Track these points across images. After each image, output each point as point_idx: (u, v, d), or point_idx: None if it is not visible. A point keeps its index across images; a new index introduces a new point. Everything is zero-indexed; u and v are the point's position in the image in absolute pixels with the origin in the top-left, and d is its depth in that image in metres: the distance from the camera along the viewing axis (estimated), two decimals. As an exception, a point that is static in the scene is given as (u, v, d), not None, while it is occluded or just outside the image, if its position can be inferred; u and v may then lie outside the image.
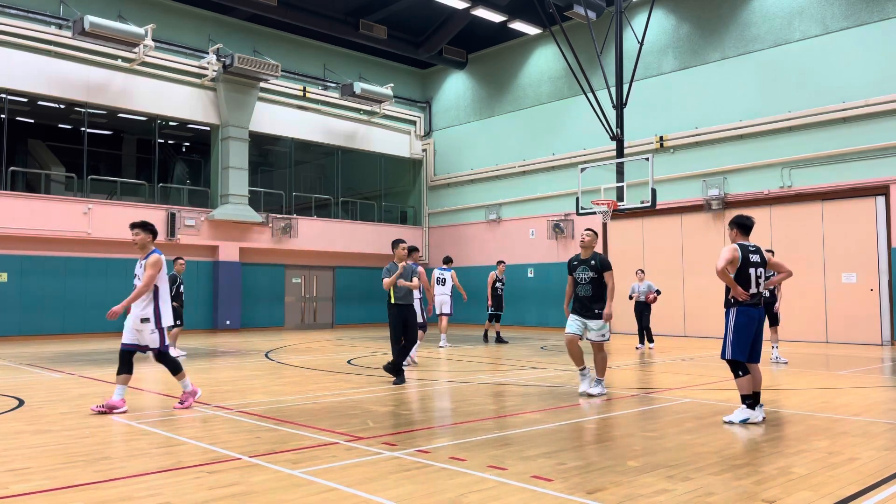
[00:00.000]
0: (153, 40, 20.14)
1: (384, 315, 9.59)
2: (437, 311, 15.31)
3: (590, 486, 4.48)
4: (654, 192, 16.26)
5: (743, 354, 6.71)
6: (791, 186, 18.04)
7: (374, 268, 25.91)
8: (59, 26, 19.39)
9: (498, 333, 17.26)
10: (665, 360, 13.21)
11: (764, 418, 6.74)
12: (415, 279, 9.89)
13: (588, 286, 8.41)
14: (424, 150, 27.74)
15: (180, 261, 14.06)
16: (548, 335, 20.32)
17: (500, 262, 17.51)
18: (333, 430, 6.30)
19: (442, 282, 15.53)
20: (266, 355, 14.01)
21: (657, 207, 17.21)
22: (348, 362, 12.61)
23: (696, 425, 6.66)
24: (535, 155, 23.89)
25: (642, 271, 16.14)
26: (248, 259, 22.97)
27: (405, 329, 9.76)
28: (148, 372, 11.17)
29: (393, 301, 9.70)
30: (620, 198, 17.03)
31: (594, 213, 17.16)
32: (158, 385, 9.45)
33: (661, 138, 20.48)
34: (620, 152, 17.69)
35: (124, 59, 20.40)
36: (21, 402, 7.95)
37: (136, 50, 19.95)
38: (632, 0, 20.32)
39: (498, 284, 17.02)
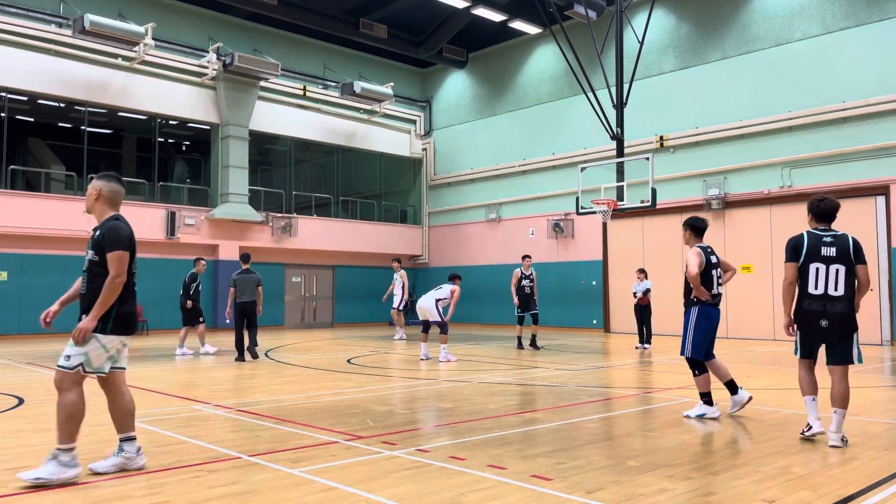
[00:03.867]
0: (153, 39, 20.13)
1: (384, 314, 9.98)
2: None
3: (589, 486, 4.48)
4: (654, 191, 16.26)
5: (701, 353, 6.90)
6: (791, 186, 18.04)
7: (375, 267, 25.93)
8: (60, 25, 19.38)
9: (533, 337, 15.22)
10: (665, 360, 13.21)
11: (719, 415, 6.91)
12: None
13: (86, 277, 4.95)
14: (424, 150, 27.74)
15: (202, 261, 14.47)
16: (548, 335, 20.31)
17: (525, 257, 15.47)
18: (333, 429, 6.30)
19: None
20: (266, 354, 14.01)
21: (657, 207, 17.20)
22: (348, 361, 12.61)
23: (696, 425, 6.66)
24: (535, 154, 23.89)
25: (642, 271, 16.11)
26: (248, 258, 22.93)
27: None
28: (147, 371, 11.17)
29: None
30: (620, 197, 17.03)
31: (594, 212, 17.16)
32: (158, 384, 9.45)
33: (662, 138, 20.48)
34: (620, 152, 17.69)
35: (124, 58, 20.39)
36: (21, 401, 7.95)
37: (137, 49, 19.94)
38: (632, 0, 20.31)
39: (525, 282, 15.02)
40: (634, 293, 15.97)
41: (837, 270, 5.61)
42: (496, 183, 25.16)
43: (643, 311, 15.58)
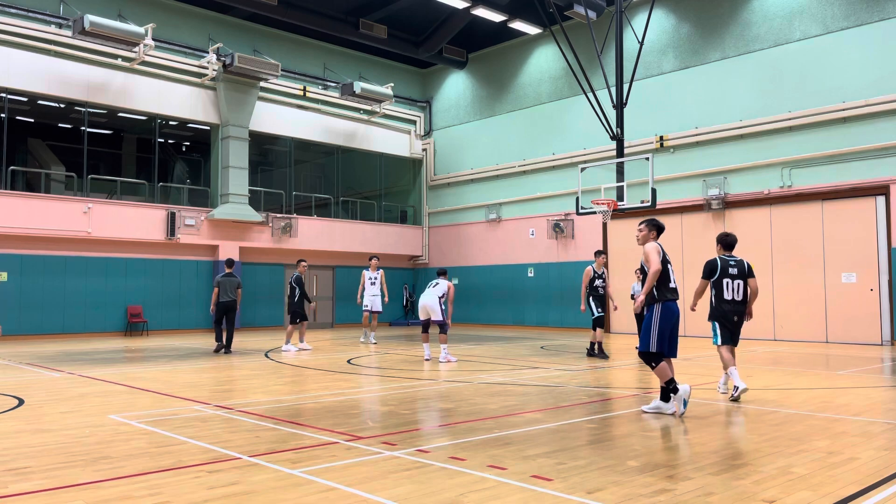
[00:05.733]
0: (153, 39, 20.13)
1: (385, 315, 10.04)
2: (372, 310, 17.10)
3: (589, 486, 4.48)
4: (654, 191, 16.26)
5: (665, 347, 7.08)
6: (791, 186, 18.04)
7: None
8: (60, 25, 19.38)
9: (599, 344, 13.28)
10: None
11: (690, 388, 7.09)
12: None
13: None
14: (424, 150, 27.74)
15: (303, 263, 15.48)
16: (548, 335, 20.32)
17: (599, 254, 13.50)
18: (333, 429, 6.30)
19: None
20: (266, 355, 14.01)
21: (657, 207, 17.20)
22: (348, 362, 12.62)
23: (696, 425, 6.66)
24: (535, 154, 23.89)
25: (642, 271, 16.06)
26: (249, 258, 22.97)
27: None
28: (148, 372, 11.17)
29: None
30: (620, 197, 17.02)
31: (594, 212, 17.15)
32: (157, 385, 9.45)
33: (661, 138, 20.48)
34: (620, 152, 17.68)
35: (124, 59, 20.40)
36: (21, 402, 7.95)
37: (136, 49, 19.95)
38: (632, 0, 20.31)
39: (598, 282, 13.21)
40: (633, 295, 15.91)
41: (739, 284, 8.23)
42: (496, 183, 25.16)
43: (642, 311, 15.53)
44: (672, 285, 7.19)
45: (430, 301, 12.56)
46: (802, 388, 9.17)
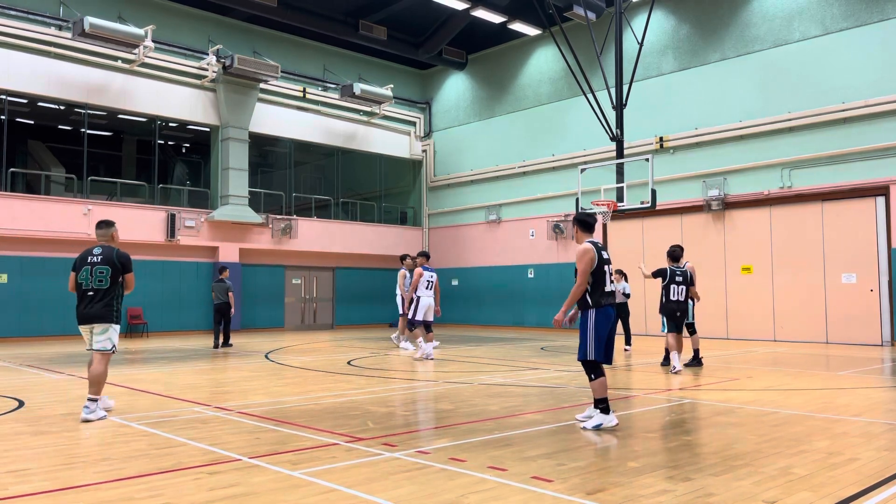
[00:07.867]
0: (153, 41, 20.13)
1: (385, 316, 10.15)
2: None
3: (590, 487, 4.48)
4: (654, 192, 16.25)
5: (601, 355, 6.56)
6: (791, 187, 18.04)
7: (375, 269, 25.90)
8: (59, 27, 19.39)
9: (696, 352, 11.85)
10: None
11: (617, 423, 6.50)
12: None
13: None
14: (424, 151, 27.75)
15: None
16: (548, 336, 20.32)
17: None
18: (333, 430, 6.30)
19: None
20: (266, 356, 14.01)
21: (657, 208, 17.19)
22: (348, 363, 12.62)
23: (696, 425, 6.66)
24: (535, 155, 23.89)
25: (619, 272, 15.42)
26: (248, 260, 22.97)
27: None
28: (148, 373, 11.17)
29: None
30: (620, 198, 17.02)
31: (594, 213, 17.13)
32: (158, 386, 9.45)
33: (661, 139, 20.48)
34: (620, 153, 17.68)
35: (124, 60, 20.40)
36: (21, 404, 7.95)
37: (136, 51, 19.95)
38: (632, 0, 20.32)
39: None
40: (623, 292, 15.63)
41: (682, 288, 11.03)
42: (496, 184, 25.16)
43: (621, 312, 14.89)
44: (607, 289, 6.60)
45: (432, 301, 13.13)
46: (803, 389, 9.17)
